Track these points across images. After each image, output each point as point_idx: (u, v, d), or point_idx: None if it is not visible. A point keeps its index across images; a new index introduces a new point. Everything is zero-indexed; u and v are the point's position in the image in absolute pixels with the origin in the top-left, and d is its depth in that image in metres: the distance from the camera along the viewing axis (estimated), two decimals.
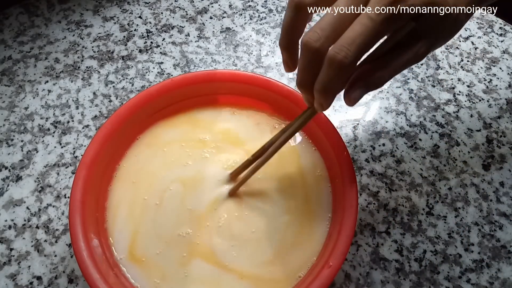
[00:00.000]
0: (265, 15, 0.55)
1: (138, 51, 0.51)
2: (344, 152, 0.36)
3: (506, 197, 0.42)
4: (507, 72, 0.50)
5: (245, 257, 0.35)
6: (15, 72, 0.49)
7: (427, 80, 0.49)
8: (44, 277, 0.37)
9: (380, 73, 0.28)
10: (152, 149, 0.40)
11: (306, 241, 0.36)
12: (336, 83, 0.26)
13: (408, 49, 0.27)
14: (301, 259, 0.35)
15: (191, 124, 0.41)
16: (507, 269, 0.38)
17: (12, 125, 0.45)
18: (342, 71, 0.25)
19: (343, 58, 0.25)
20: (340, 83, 0.27)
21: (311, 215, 0.37)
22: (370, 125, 0.46)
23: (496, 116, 0.47)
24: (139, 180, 0.38)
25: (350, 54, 0.24)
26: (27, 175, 0.42)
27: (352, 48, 0.24)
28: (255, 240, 0.36)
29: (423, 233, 0.40)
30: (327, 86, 0.26)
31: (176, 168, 0.39)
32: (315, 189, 0.38)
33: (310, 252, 0.35)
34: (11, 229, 0.39)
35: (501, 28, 0.54)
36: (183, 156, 0.39)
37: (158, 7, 0.55)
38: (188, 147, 0.40)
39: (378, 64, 0.28)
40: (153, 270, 0.34)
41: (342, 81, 0.27)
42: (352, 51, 0.24)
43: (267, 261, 0.35)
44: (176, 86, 0.40)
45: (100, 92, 0.47)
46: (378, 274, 0.38)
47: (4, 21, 0.53)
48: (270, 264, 0.35)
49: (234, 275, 0.34)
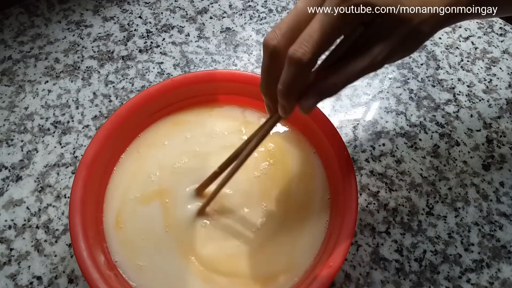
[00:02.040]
0: (265, 15, 0.55)
1: (138, 51, 0.51)
2: (344, 152, 0.36)
3: (506, 197, 0.42)
4: (507, 72, 0.50)
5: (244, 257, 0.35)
6: (15, 72, 0.49)
7: (427, 80, 0.49)
8: (44, 277, 0.37)
9: (333, 80, 0.27)
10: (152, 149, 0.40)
11: (306, 241, 0.36)
12: (297, 82, 0.26)
13: (364, 56, 0.26)
14: (301, 259, 0.35)
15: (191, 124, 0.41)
16: (507, 269, 0.38)
17: (12, 125, 0.45)
18: (301, 68, 0.25)
19: (301, 55, 0.25)
20: (301, 82, 0.27)
21: (311, 215, 0.37)
22: (370, 125, 0.46)
23: (496, 116, 0.47)
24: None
25: (308, 51, 0.24)
26: (27, 175, 0.42)
27: (310, 45, 0.24)
28: (254, 242, 0.36)
29: (423, 233, 0.40)
30: (288, 86, 0.26)
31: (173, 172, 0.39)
32: (315, 189, 0.38)
33: (310, 252, 0.35)
34: (11, 229, 0.39)
35: (501, 28, 0.54)
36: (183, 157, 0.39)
37: (158, 7, 0.55)
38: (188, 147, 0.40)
39: (331, 71, 0.27)
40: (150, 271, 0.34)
41: (303, 80, 0.27)
42: (310, 47, 0.24)
43: (267, 261, 0.35)
44: (176, 86, 0.40)
45: (100, 92, 0.47)
46: (378, 274, 0.38)
47: (4, 21, 0.53)
48: (269, 264, 0.35)
49: (229, 278, 0.34)
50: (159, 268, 0.34)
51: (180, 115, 0.42)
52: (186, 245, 0.35)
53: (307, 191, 0.38)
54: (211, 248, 0.35)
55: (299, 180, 0.39)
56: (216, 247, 0.35)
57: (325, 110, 0.46)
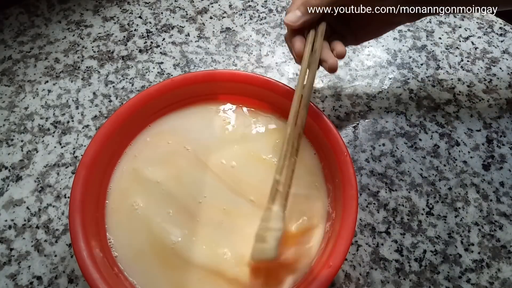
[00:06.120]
0: (265, 15, 0.55)
1: (138, 51, 0.51)
2: (344, 152, 0.36)
3: (506, 197, 0.42)
4: (507, 72, 0.50)
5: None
6: (15, 72, 0.49)
7: (427, 80, 0.49)
8: (44, 277, 0.37)
9: None
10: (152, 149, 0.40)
11: (306, 241, 0.36)
12: None
13: None
14: (301, 259, 0.35)
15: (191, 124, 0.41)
16: (507, 269, 0.38)
17: (12, 125, 0.45)
18: None
19: None
20: None
21: (311, 215, 0.37)
22: (370, 125, 0.46)
23: (496, 116, 0.47)
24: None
25: None
26: (27, 175, 0.42)
27: None
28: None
29: (423, 233, 0.40)
30: None
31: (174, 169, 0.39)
32: (315, 189, 0.38)
33: (310, 253, 0.35)
34: (11, 229, 0.39)
35: (501, 28, 0.54)
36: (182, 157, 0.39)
37: (158, 7, 0.55)
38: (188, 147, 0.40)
39: None
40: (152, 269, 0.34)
41: None
42: None
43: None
44: (176, 86, 0.40)
45: (100, 92, 0.47)
46: (378, 274, 0.38)
47: (4, 21, 0.53)
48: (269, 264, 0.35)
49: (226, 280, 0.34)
50: (160, 267, 0.34)
51: (180, 115, 0.42)
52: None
53: (307, 191, 0.38)
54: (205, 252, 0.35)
55: (299, 180, 0.39)
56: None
57: (325, 110, 0.46)
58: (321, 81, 0.48)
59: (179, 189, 0.38)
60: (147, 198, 0.37)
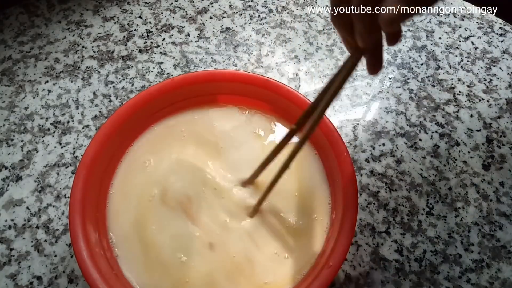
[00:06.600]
0: (265, 15, 0.55)
1: (138, 51, 0.51)
2: (344, 152, 0.36)
3: (506, 197, 0.42)
4: (507, 72, 0.50)
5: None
6: (15, 72, 0.49)
7: (427, 80, 0.49)
8: (44, 277, 0.37)
9: None
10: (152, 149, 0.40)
11: (306, 241, 0.36)
12: None
13: None
14: (301, 259, 0.35)
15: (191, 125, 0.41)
16: (507, 269, 0.38)
17: (12, 125, 0.45)
18: None
19: None
20: None
21: (311, 215, 0.37)
22: (370, 125, 0.46)
23: (496, 116, 0.47)
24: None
25: None
26: (27, 175, 0.42)
27: None
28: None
29: (423, 233, 0.40)
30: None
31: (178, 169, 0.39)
32: (315, 189, 0.38)
33: (310, 253, 0.35)
34: (11, 229, 0.39)
35: (501, 28, 0.54)
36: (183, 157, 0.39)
37: (158, 7, 0.55)
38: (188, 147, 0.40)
39: None
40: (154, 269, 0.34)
41: None
42: None
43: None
44: (176, 86, 0.40)
45: (100, 92, 0.47)
46: (378, 274, 0.38)
47: (4, 21, 0.53)
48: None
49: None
50: (161, 266, 0.34)
51: (180, 115, 0.42)
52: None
53: (307, 191, 0.38)
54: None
55: (299, 180, 0.39)
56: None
57: None
58: (321, 81, 0.48)
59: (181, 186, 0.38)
60: None
